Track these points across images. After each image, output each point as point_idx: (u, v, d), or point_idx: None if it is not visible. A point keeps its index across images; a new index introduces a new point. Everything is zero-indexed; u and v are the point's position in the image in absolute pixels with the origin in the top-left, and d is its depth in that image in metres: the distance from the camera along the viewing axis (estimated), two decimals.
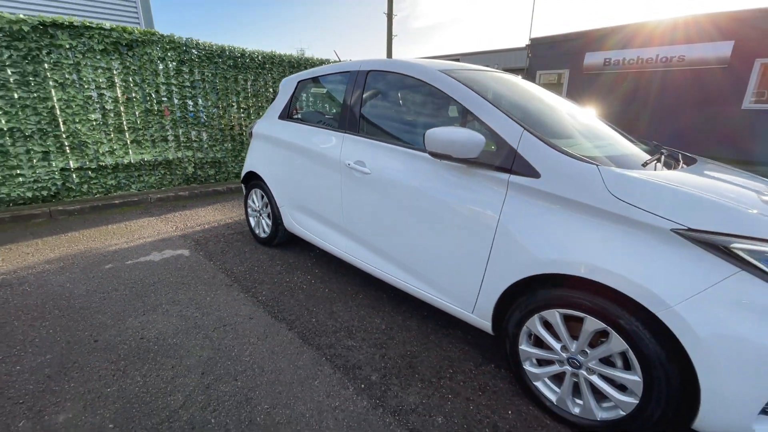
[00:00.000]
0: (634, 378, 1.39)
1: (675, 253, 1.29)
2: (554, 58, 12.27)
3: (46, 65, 4.30)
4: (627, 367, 1.43)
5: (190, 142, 5.67)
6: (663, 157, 1.94)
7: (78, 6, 6.28)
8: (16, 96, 4.16)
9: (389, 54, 13.08)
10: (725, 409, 1.24)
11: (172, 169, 5.55)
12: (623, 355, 1.42)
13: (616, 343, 1.40)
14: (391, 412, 1.64)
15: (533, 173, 1.60)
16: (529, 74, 12.84)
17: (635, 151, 2.00)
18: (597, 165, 1.50)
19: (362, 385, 1.80)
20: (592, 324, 1.45)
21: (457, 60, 26.88)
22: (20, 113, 4.21)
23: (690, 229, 1.27)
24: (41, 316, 2.28)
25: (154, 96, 5.14)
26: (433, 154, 1.79)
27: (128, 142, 5.04)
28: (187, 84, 5.44)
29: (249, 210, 3.64)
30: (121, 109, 4.90)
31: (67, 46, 4.39)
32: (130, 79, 4.91)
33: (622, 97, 10.85)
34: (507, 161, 1.67)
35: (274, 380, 1.81)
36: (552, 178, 1.55)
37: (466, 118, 1.96)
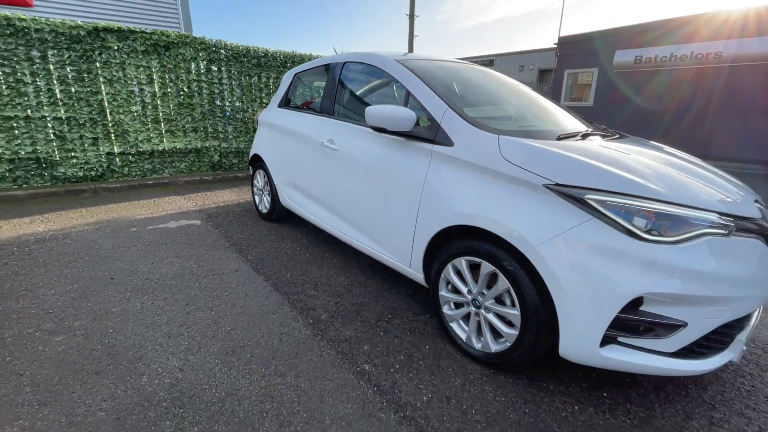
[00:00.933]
0: (514, 312, 1.64)
1: (544, 203, 1.53)
2: (582, 57, 12.02)
3: (97, 64, 5.05)
4: (513, 304, 1.68)
5: (217, 133, 6.30)
6: (589, 134, 2.14)
7: (128, 12, 7.17)
8: (73, 90, 4.93)
9: (410, 49, 13.37)
10: (577, 337, 1.47)
11: (200, 157, 6.20)
12: (509, 293, 1.67)
13: (502, 283, 1.66)
14: (327, 340, 1.99)
15: (449, 143, 1.88)
16: (557, 74, 12.64)
17: (561, 129, 2.22)
18: (498, 135, 1.76)
19: (310, 321, 2.15)
20: (486, 268, 1.72)
21: (491, 61, 26.56)
22: (76, 105, 4.98)
23: (557, 184, 1.51)
24: (74, 261, 2.83)
25: (186, 91, 5.81)
26: (373, 128, 2.11)
27: (163, 131, 5.73)
28: (215, 81, 6.07)
29: (254, 189, 4.11)
30: (158, 102, 5.60)
31: (115, 48, 5.12)
32: (166, 76, 5.60)
33: (657, 94, 10.44)
34: (432, 133, 1.97)
35: (241, 313, 2.21)
36: (462, 146, 1.83)
37: (408, 99, 2.27)
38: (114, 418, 1.45)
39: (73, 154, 5.10)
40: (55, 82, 4.82)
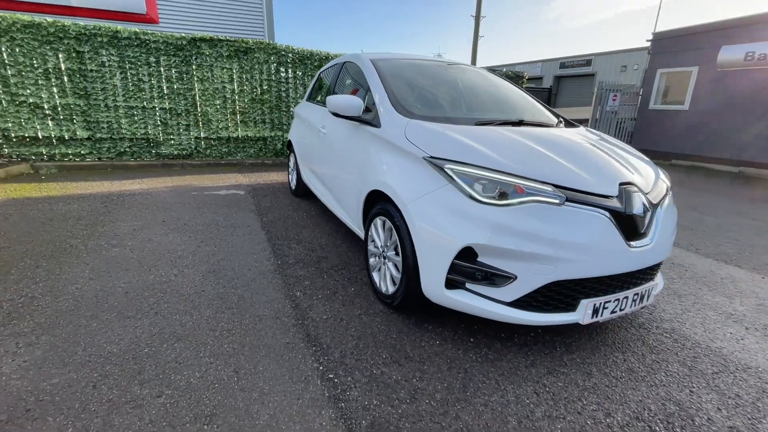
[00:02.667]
0: (398, 259, 2.02)
1: (422, 172, 1.89)
2: (680, 55, 10.68)
3: (193, 66, 6.41)
4: (398, 253, 2.05)
5: (281, 125, 7.37)
6: (524, 123, 2.38)
7: (226, 23, 8.74)
8: (174, 86, 6.36)
9: (474, 55, 13.27)
10: (429, 278, 1.81)
11: (266, 144, 7.34)
12: (397, 244, 2.05)
13: (394, 236, 2.06)
14: (281, 274, 2.57)
15: (379, 125, 2.32)
16: (647, 74, 11.42)
17: (494, 118, 2.49)
18: (409, 119, 2.15)
19: (279, 262, 2.77)
20: (387, 224, 2.13)
21: (588, 61, 24.58)
22: (176, 98, 6.41)
23: (431, 157, 1.87)
24: (145, 208, 3.90)
25: (258, 89, 6.96)
26: (332, 113, 2.63)
27: (238, 122, 6.96)
28: (283, 80, 7.13)
29: (289, 170, 4.91)
30: (236, 97, 6.83)
31: (207, 54, 6.43)
32: (243, 76, 6.80)
33: None
34: (371, 117, 2.42)
35: (234, 251, 2.92)
36: (386, 128, 2.26)
37: (367, 90, 2.72)
38: (124, 293, 2.24)
39: (171, 137, 6.56)
40: (163, 80, 6.28)
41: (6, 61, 5.37)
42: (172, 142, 6.58)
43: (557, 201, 1.65)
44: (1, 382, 1.50)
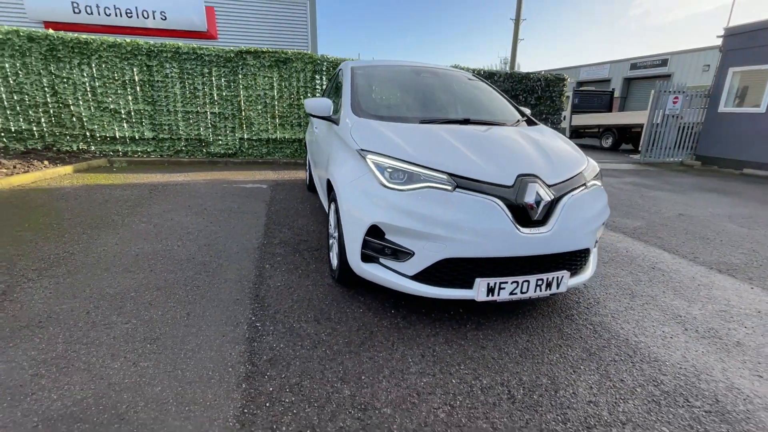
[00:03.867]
0: (336, 234, 2.33)
1: (355, 162, 2.19)
2: (756, 52, 9.51)
3: (239, 75, 7.27)
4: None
5: None
6: (471, 122, 2.57)
7: (275, 36, 9.67)
8: (223, 94, 7.26)
9: (513, 58, 12.90)
10: (351, 253, 2.10)
11: (301, 146, 8.01)
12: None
13: (335, 216, 2.37)
14: (260, 251, 3.01)
15: (338, 123, 2.65)
16: (718, 72, 10.31)
17: (442, 117, 2.71)
18: (358, 118, 2.46)
19: (264, 241, 3.21)
20: (332, 207, 2.45)
21: (666, 60, 22.50)
22: (224, 104, 7.31)
23: (361, 149, 2.16)
24: (179, 195, 4.63)
25: (295, 95, 7.65)
26: (308, 114, 3.01)
27: (277, 125, 7.71)
28: (318, 87, 7.75)
29: (306, 167, 5.43)
30: (275, 103, 7.59)
31: (251, 64, 7.26)
32: (282, 84, 7.53)
33: None
34: (335, 117, 2.77)
35: (233, 232, 3.44)
36: (341, 125, 2.59)
37: (341, 95, 3.06)
38: (134, 255, 2.82)
39: (219, 138, 7.48)
40: (214, 88, 7.22)
41: (95, 75, 6.61)
42: (220, 142, 7.49)
43: (449, 188, 1.85)
44: (28, 304, 2.09)
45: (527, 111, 3.20)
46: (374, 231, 1.95)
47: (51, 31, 6.35)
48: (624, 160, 11.08)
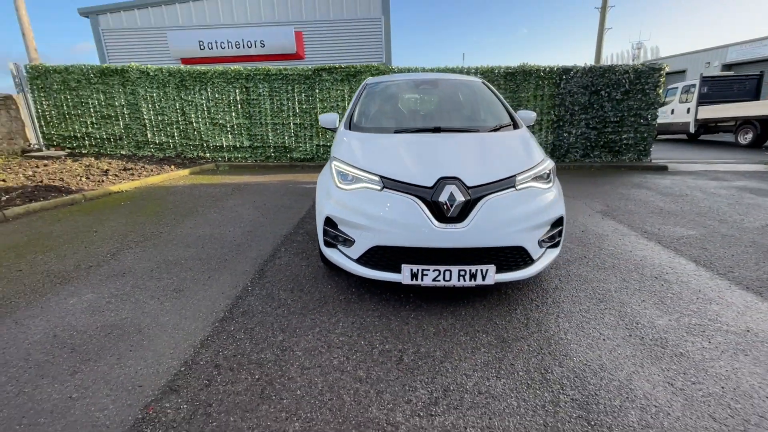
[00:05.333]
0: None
1: (329, 167, 2.70)
2: None
3: (316, 90, 8.37)
4: None
5: None
6: (442, 129, 2.86)
7: (355, 53, 10.65)
8: (303, 107, 8.45)
9: (599, 50, 11.38)
10: (319, 239, 2.60)
11: None
12: None
13: None
14: (285, 239, 3.72)
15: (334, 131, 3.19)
16: None
17: (420, 125, 3.03)
18: (347, 130, 2.96)
19: (292, 232, 3.94)
20: None
21: None
22: (303, 115, 8.50)
23: (333, 156, 2.67)
24: (253, 193, 5.73)
25: None
26: (323, 127, 3.60)
27: None
28: None
29: None
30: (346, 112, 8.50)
31: (326, 79, 8.29)
32: (353, 95, 8.39)
33: None
34: (335, 129, 3.31)
35: (275, 223, 4.26)
36: (336, 137, 3.11)
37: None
38: (197, 236, 3.81)
39: (300, 145, 8.71)
40: (296, 102, 8.46)
41: (209, 97, 8.40)
42: (300, 148, 8.72)
43: (378, 188, 2.23)
44: (123, 262, 3.13)
45: (519, 116, 3.29)
46: (330, 222, 2.44)
47: (181, 66, 8.33)
48: (759, 159, 9.16)
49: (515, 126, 3.04)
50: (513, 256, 2.25)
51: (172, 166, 7.71)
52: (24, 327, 2.21)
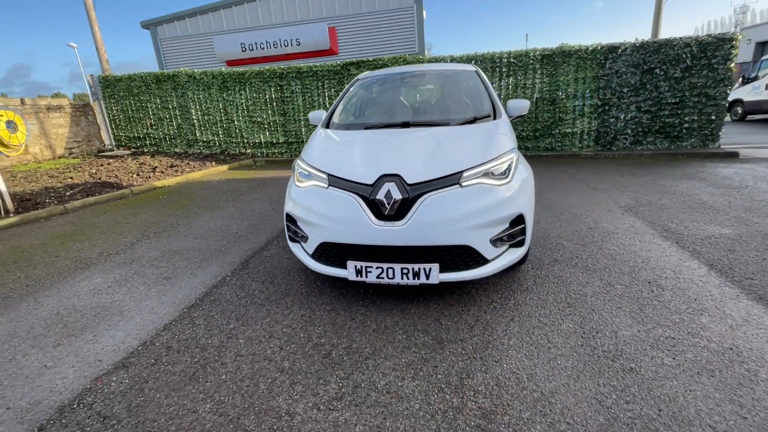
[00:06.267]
0: None
1: (293, 165, 2.80)
2: None
3: (345, 85, 8.50)
4: None
5: None
6: (411, 124, 2.80)
7: (387, 46, 10.59)
8: (334, 102, 8.65)
9: (656, 25, 9.82)
10: (286, 235, 2.72)
11: None
12: None
13: None
14: (284, 231, 3.92)
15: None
16: None
17: (390, 120, 2.99)
18: (319, 126, 3.02)
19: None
20: None
21: None
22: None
23: (302, 159, 2.75)
24: (273, 188, 6.05)
25: None
26: (312, 125, 3.70)
27: None
28: None
29: None
30: None
31: (354, 73, 8.38)
32: None
33: None
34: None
35: (280, 216, 4.49)
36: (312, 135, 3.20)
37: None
38: (208, 227, 4.15)
39: None
40: (326, 98, 8.68)
41: (248, 97, 8.95)
42: None
43: (325, 185, 2.27)
44: (138, 251, 3.54)
45: (510, 105, 3.11)
46: (290, 218, 2.54)
47: (223, 68, 8.96)
48: None
49: (495, 117, 2.87)
50: (461, 256, 2.17)
51: (214, 162, 8.39)
52: (39, 304, 2.63)
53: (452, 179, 2.15)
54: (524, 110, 3.21)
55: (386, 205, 2.10)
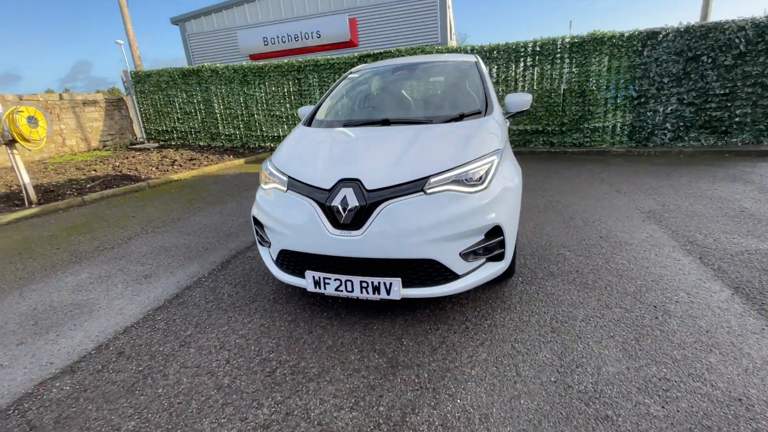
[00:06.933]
0: None
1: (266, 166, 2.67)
2: None
3: None
4: None
5: None
6: (391, 121, 2.59)
7: (410, 36, 10.24)
8: None
9: (705, 7, 8.63)
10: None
11: None
12: None
13: None
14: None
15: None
16: None
17: (370, 117, 2.79)
18: (300, 124, 2.87)
19: None
20: None
21: None
22: None
23: (270, 158, 2.62)
24: None
25: None
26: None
27: None
28: None
29: None
30: None
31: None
32: None
33: None
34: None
35: (248, 208, 4.42)
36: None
37: None
38: (200, 223, 4.16)
39: None
40: None
41: (267, 91, 9.00)
42: None
43: (284, 189, 2.12)
44: (133, 245, 3.59)
45: (509, 100, 2.86)
46: (257, 222, 2.42)
47: (244, 62, 9.04)
48: None
49: (486, 113, 2.59)
50: (426, 270, 1.95)
51: (232, 156, 8.52)
52: (22, 298, 2.70)
53: (416, 185, 1.93)
54: (525, 105, 2.90)
55: (342, 212, 1.92)
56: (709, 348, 1.82)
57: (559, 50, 7.15)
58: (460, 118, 2.55)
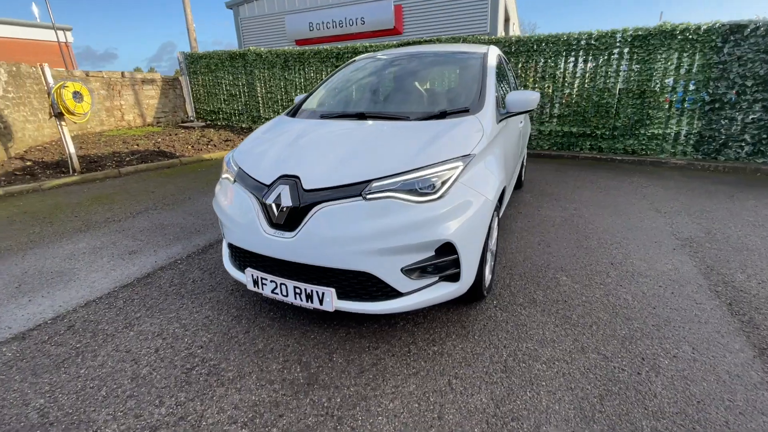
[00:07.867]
0: None
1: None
2: None
3: None
4: None
5: None
6: (366, 115, 2.39)
7: (457, 24, 9.71)
8: None
9: None
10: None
11: None
12: None
13: None
14: None
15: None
16: None
17: (347, 110, 2.62)
18: (282, 114, 2.76)
19: None
20: None
21: None
22: None
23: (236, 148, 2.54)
24: None
25: None
26: None
27: None
28: None
29: None
30: None
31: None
32: None
33: None
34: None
35: None
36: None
37: None
38: (188, 211, 4.26)
39: None
40: None
41: (305, 77, 9.06)
42: None
43: (232, 179, 2.02)
44: (130, 219, 3.77)
45: (510, 98, 2.51)
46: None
47: (286, 47, 9.15)
48: None
49: (473, 111, 2.29)
50: (362, 284, 1.77)
51: None
52: (22, 260, 2.92)
53: (355, 189, 1.73)
54: (530, 105, 2.54)
55: (275, 211, 1.79)
56: (691, 426, 1.45)
57: (618, 44, 6.33)
58: (442, 115, 2.28)
